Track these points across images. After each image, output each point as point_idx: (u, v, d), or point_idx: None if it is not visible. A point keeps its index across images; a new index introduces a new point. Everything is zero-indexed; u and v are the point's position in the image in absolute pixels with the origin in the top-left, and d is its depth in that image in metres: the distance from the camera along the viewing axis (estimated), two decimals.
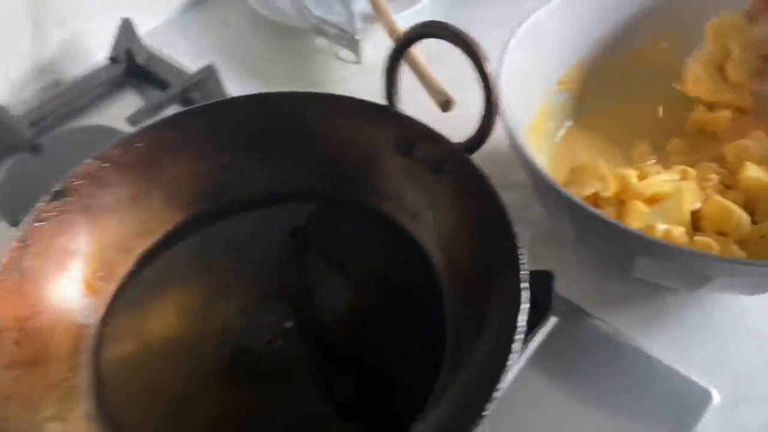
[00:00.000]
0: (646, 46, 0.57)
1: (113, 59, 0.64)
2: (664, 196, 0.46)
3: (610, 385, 0.44)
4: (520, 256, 0.34)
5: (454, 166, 0.40)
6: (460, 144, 0.40)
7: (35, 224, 0.39)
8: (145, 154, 0.42)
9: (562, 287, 0.44)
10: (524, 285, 0.33)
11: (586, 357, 0.45)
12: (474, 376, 0.32)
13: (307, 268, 0.43)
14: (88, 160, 0.41)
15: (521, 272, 0.33)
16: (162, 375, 0.39)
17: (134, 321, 0.41)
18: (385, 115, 0.42)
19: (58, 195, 0.40)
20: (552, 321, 0.47)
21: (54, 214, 0.40)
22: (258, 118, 0.44)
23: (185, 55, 0.69)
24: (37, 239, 0.39)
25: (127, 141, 0.42)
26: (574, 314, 0.47)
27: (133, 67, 0.65)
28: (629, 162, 0.53)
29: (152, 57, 0.66)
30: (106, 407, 0.37)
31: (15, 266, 0.37)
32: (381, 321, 0.40)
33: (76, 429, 0.35)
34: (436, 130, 0.41)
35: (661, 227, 0.43)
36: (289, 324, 0.40)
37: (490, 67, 0.36)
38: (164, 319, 0.41)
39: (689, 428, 0.41)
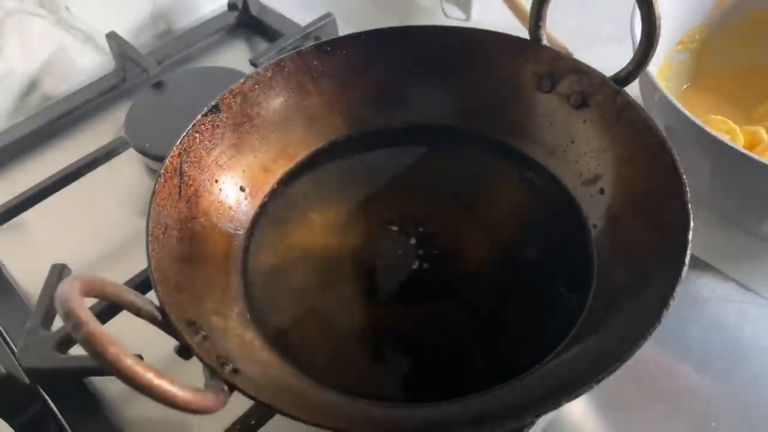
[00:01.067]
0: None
1: (231, 6, 0.66)
2: None
3: (735, 338, 0.43)
4: (684, 180, 0.34)
5: (602, 100, 0.40)
6: (610, 77, 0.40)
7: (192, 134, 0.40)
8: (291, 79, 0.44)
9: None
10: (690, 207, 0.33)
11: (709, 309, 0.45)
12: (643, 301, 0.32)
13: (440, 198, 0.44)
14: (241, 80, 0.42)
15: (687, 195, 0.33)
16: (303, 286, 0.40)
17: (277, 235, 0.42)
18: (529, 49, 0.43)
19: (213, 109, 0.41)
20: None
21: (209, 127, 0.41)
22: (399, 51, 0.45)
23: (293, 10, 0.70)
24: (194, 148, 0.40)
25: (277, 64, 0.43)
26: (697, 267, 0.47)
27: (246, 17, 0.67)
28: (751, 122, 0.53)
29: (265, 8, 0.68)
30: (255, 311, 0.38)
31: (176, 170, 0.39)
32: (519, 253, 0.41)
33: (233, 326, 0.36)
34: (585, 64, 0.41)
35: None
36: (424, 249, 0.41)
37: None
38: (304, 234, 0.42)
39: None
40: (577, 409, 0.41)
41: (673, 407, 0.40)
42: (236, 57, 0.67)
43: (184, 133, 0.40)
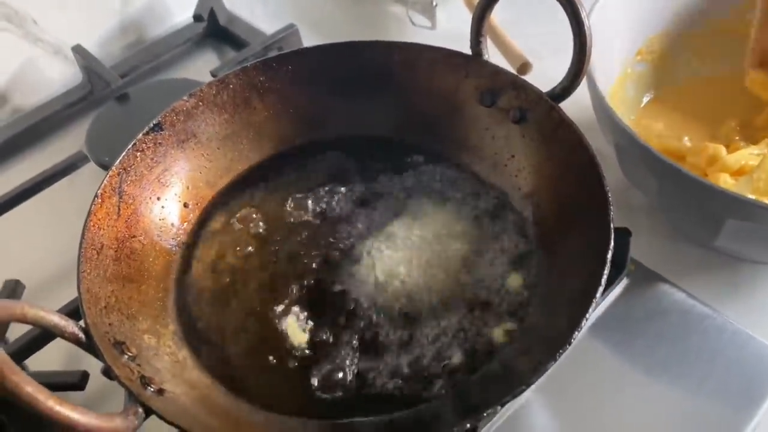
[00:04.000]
0: (728, 18, 0.56)
1: (197, 17, 0.66)
2: (752, 169, 0.46)
3: (681, 350, 0.43)
4: (609, 200, 0.34)
5: (539, 115, 0.40)
6: (547, 93, 0.40)
7: (133, 153, 0.41)
8: (237, 95, 0.44)
9: (634, 251, 0.44)
10: (612, 227, 0.33)
11: (656, 320, 0.44)
12: (560, 316, 0.32)
13: (384, 209, 0.44)
14: (184, 97, 0.43)
15: (610, 215, 0.33)
16: (240, 305, 0.40)
17: (219, 251, 0.42)
18: (470, 64, 0.43)
19: (156, 128, 0.42)
20: (623, 283, 0.46)
21: (150, 145, 0.42)
22: (345, 65, 0.45)
23: (263, 19, 0.71)
24: (134, 167, 0.41)
25: (221, 81, 0.43)
26: (646, 277, 0.47)
27: (214, 26, 0.67)
28: (715, 138, 0.52)
29: (233, 18, 0.68)
30: (191, 329, 0.39)
31: (115, 189, 0.39)
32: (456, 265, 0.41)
33: (167, 344, 0.37)
34: (523, 79, 0.41)
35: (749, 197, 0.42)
36: (360, 269, 0.41)
37: (584, 14, 0.36)
38: (247, 251, 0.42)
39: (766, 393, 0.40)
40: (529, 414, 0.41)
41: (620, 414, 0.40)
42: (205, 67, 0.67)
43: (124, 152, 0.40)
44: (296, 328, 0.38)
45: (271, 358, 0.38)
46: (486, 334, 0.36)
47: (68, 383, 0.40)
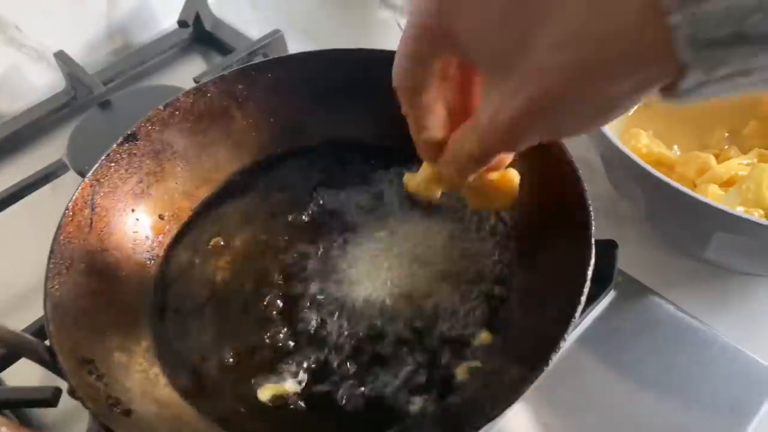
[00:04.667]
0: None
1: (181, 23, 0.65)
2: (741, 179, 0.45)
3: (670, 364, 0.42)
4: (590, 215, 0.33)
5: None
6: None
7: (107, 164, 0.40)
8: (214, 104, 0.43)
9: (622, 263, 0.43)
10: (593, 243, 0.32)
11: (644, 334, 0.44)
12: (542, 328, 0.31)
13: (364, 220, 0.43)
14: (160, 107, 0.42)
15: (591, 230, 0.32)
16: (215, 321, 0.39)
17: (195, 264, 0.41)
18: None
19: (130, 138, 0.41)
20: (610, 295, 0.45)
21: (125, 156, 0.41)
22: (326, 72, 0.44)
23: (251, 23, 0.70)
24: (108, 178, 0.40)
25: (198, 90, 0.43)
26: (634, 290, 0.46)
27: (200, 32, 0.67)
28: (704, 147, 0.51)
29: (219, 23, 0.67)
30: (164, 345, 0.38)
31: (87, 202, 0.38)
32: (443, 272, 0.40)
33: (138, 361, 0.36)
34: None
35: (738, 209, 0.42)
36: (340, 285, 0.40)
37: None
38: (223, 264, 0.41)
39: (755, 409, 0.39)
40: (516, 428, 0.40)
41: (608, 430, 0.40)
42: (190, 73, 0.66)
43: (97, 164, 0.39)
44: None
45: (244, 376, 0.37)
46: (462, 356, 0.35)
47: (40, 399, 0.39)
